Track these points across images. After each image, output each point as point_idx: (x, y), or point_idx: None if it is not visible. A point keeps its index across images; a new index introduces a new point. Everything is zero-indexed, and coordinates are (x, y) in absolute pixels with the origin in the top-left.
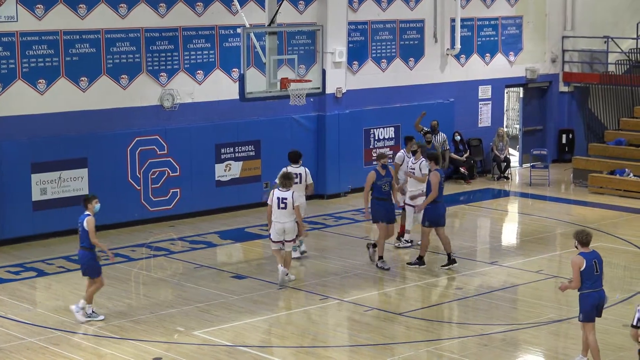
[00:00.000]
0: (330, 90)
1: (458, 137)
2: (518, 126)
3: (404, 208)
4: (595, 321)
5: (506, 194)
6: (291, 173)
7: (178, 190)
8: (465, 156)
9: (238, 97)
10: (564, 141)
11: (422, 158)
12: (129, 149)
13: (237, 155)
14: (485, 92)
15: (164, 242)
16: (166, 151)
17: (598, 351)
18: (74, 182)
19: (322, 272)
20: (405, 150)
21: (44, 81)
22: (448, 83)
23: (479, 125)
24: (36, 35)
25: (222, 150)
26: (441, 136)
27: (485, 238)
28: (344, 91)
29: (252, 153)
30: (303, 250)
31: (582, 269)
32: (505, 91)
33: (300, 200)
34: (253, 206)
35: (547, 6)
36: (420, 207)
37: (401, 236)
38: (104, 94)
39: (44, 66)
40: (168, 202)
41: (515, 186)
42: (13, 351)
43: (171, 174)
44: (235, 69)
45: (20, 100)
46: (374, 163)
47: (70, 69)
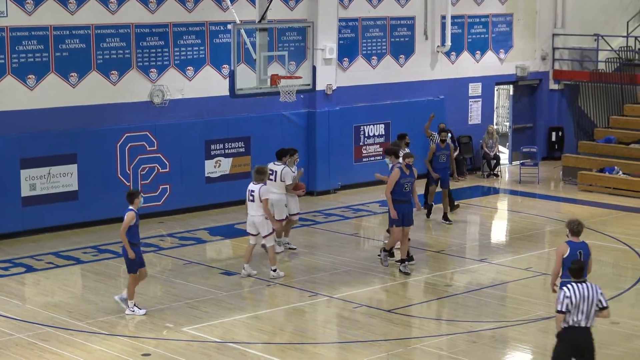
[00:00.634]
0: (320, 87)
1: (449, 135)
2: (508, 124)
3: None
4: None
5: (496, 192)
6: (264, 167)
7: (168, 186)
8: (455, 154)
9: (228, 94)
10: (554, 139)
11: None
12: (119, 145)
13: (227, 151)
14: (475, 90)
15: (154, 239)
16: (156, 147)
17: None
18: (64, 178)
19: (312, 269)
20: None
21: (34, 77)
22: (438, 80)
23: (469, 122)
24: (26, 30)
25: (212, 146)
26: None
27: (474, 235)
28: (334, 88)
29: (242, 149)
30: (286, 243)
31: (565, 257)
32: (495, 88)
33: (268, 195)
34: (243, 202)
35: (538, 4)
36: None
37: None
38: (94, 90)
39: (34, 62)
40: (158, 198)
41: (504, 184)
42: (2, 347)
43: (161, 170)
44: (225, 65)
45: (9, 95)
46: (384, 159)
47: (60, 65)
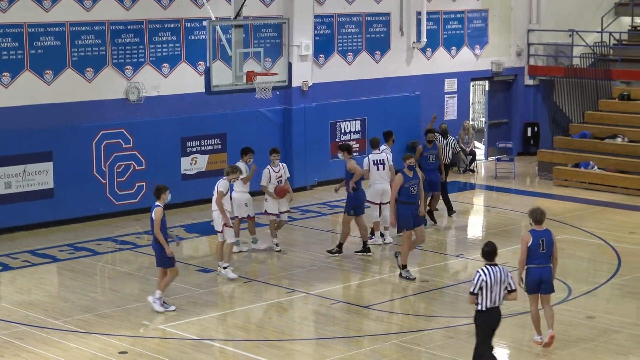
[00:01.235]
0: (296, 83)
1: (437, 135)
2: (484, 119)
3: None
4: (538, 294)
5: (472, 187)
6: (234, 165)
7: (144, 183)
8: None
9: (204, 91)
10: (529, 134)
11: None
12: (95, 143)
13: (203, 148)
14: (451, 85)
15: (130, 236)
16: (132, 145)
17: (539, 322)
18: (39, 176)
19: (289, 265)
20: (386, 145)
21: (9, 74)
22: (414, 76)
23: (445, 118)
24: (0, 28)
25: (188, 143)
26: (451, 139)
27: (451, 231)
28: (310, 84)
29: (218, 146)
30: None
31: (529, 245)
32: (471, 84)
33: (219, 187)
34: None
35: (513, 0)
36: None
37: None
38: (69, 87)
39: (9, 59)
40: (134, 196)
41: (480, 179)
42: None
43: (137, 168)
44: (201, 62)
45: None
46: (339, 156)
47: (35, 62)
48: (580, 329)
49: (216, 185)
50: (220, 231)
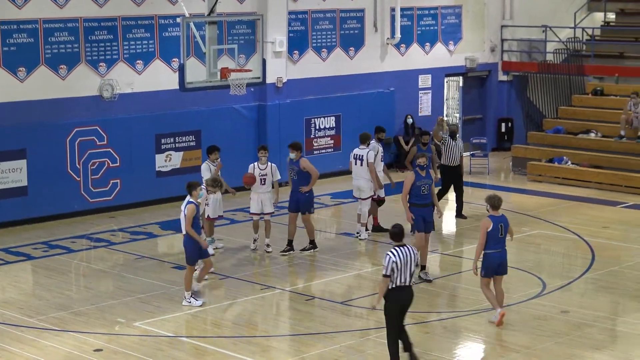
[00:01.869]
0: (270, 79)
1: (410, 120)
2: (458, 115)
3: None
4: (492, 278)
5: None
6: (215, 180)
7: (118, 181)
8: (410, 143)
9: (178, 87)
10: (503, 130)
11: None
12: (68, 140)
13: (178, 145)
14: (425, 82)
15: (105, 233)
16: (106, 142)
17: (493, 298)
18: (13, 174)
19: (264, 262)
20: (375, 140)
21: None
22: (388, 72)
23: (420, 114)
24: None
25: (163, 140)
26: (460, 141)
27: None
28: (285, 81)
29: (193, 143)
30: (216, 247)
31: (489, 230)
32: (445, 80)
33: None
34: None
35: None
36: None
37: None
38: (43, 85)
39: None
40: (108, 193)
41: None
42: None
43: (111, 165)
44: (175, 59)
45: None
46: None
47: (7, 59)
48: (554, 324)
49: (184, 207)
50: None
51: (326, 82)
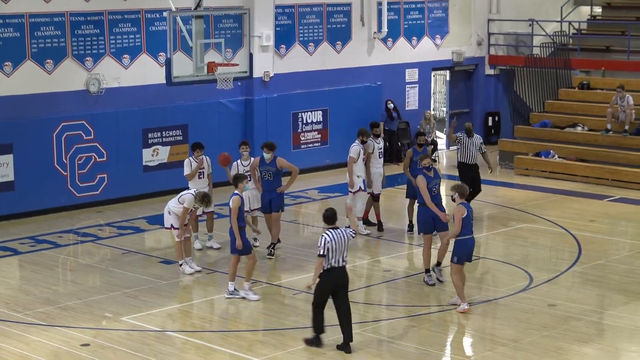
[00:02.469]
0: (257, 74)
1: (391, 105)
2: (445, 109)
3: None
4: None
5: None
6: (204, 196)
7: (105, 175)
8: (399, 123)
9: (165, 82)
10: (490, 124)
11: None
12: (55, 135)
13: (165, 140)
14: (412, 76)
15: (92, 228)
16: (93, 136)
17: (462, 289)
18: None
19: None
20: (372, 138)
21: None
22: (375, 66)
23: (407, 108)
24: None
25: (150, 135)
26: (477, 138)
27: (412, 220)
28: (272, 75)
29: (180, 137)
30: (214, 245)
31: (464, 217)
32: (432, 74)
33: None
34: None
35: None
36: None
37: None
38: (29, 79)
39: None
40: (95, 188)
41: (442, 169)
42: None
43: (98, 160)
44: (161, 53)
45: None
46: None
47: None
48: (541, 317)
49: (180, 197)
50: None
51: (313, 77)
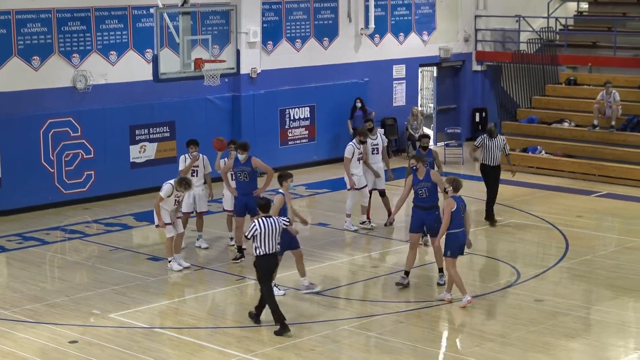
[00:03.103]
0: (244, 70)
1: (359, 104)
2: (432, 105)
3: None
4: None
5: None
6: (184, 180)
7: (92, 172)
8: (372, 114)
9: (152, 78)
10: (478, 119)
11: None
12: (42, 132)
13: (152, 136)
14: (399, 72)
15: (79, 225)
16: (80, 133)
17: (462, 282)
18: None
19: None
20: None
21: None
22: (362, 62)
23: (394, 104)
24: None
25: (137, 131)
26: (500, 140)
27: (400, 217)
28: (259, 71)
29: (167, 134)
30: (202, 245)
31: (453, 210)
32: (419, 70)
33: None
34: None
35: None
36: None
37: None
38: (15, 76)
39: None
40: (82, 185)
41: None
42: None
43: (85, 156)
44: (148, 50)
45: None
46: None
47: None
48: (529, 312)
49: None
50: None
51: (300, 73)
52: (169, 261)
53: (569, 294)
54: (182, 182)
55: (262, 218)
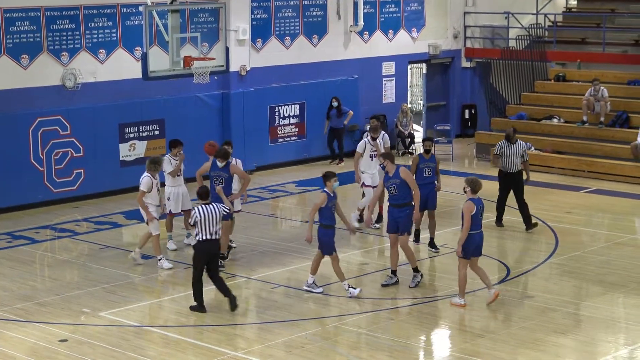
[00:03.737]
0: (234, 68)
1: (335, 104)
2: (422, 102)
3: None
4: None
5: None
6: (158, 159)
7: (82, 170)
8: (349, 114)
9: (141, 76)
10: (467, 116)
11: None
12: (31, 130)
13: (142, 134)
14: (388, 69)
15: (69, 224)
16: (69, 131)
17: (465, 286)
18: None
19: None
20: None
21: None
22: (352, 60)
23: (383, 101)
24: None
25: (126, 129)
26: (520, 145)
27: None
28: (248, 69)
29: (157, 132)
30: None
31: (473, 214)
32: (408, 67)
33: (142, 185)
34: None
35: None
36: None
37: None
38: (5, 74)
39: None
40: (72, 183)
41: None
42: None
43: (75, 155)
44: (137, 48)
45: None
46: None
47: None
48: (519, 308)
49: (141, 180)
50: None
51: (290, 70)
52: (159, 259)
53: (559, 290)
54: (154, 161)
55: (202, 205)
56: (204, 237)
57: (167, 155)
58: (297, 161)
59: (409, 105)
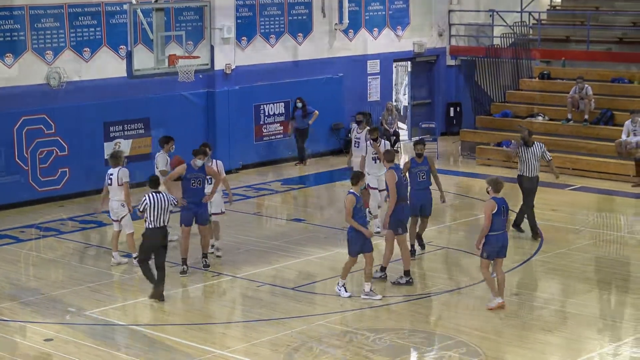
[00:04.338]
0: (219, 66)
1: (300, 104)
2: (407, 100)
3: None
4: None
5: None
6: (118, 152)
7: (67, 169)
8: (315, 114)
9: (126, 75)
10: (452, 114)
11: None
12: (16, 129)
13: (127, 133)
14: (373, 67)
15: (54, 223)
16: (54, 130)
17: (494, 284)
18: None
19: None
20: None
21: None
22: (337, 58)
23: (368, 99)
24: None
25: (111, 128)
26: (537, 147)
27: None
28: (233, 67)
29: (142, 131)
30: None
31: (494, 212)
32: (393, 65)
33: (127, 178)
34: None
35: None
36: None
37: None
38: None
39: None
40: (57, 182)
41: (405, 159)
42: None
43: (59, 154)
44: (122, 46)
45: None
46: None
47: None
48: (505, 306)
49: (117, 174)
50: (117, 220)
51: (275, 69)
52: (134, 257)
53: (545, 288)
54: (114, 154)
55: (152, 193)
56: (152, 225)
57: (161, 152)
58: (282, 159)
59: (394, 103)
